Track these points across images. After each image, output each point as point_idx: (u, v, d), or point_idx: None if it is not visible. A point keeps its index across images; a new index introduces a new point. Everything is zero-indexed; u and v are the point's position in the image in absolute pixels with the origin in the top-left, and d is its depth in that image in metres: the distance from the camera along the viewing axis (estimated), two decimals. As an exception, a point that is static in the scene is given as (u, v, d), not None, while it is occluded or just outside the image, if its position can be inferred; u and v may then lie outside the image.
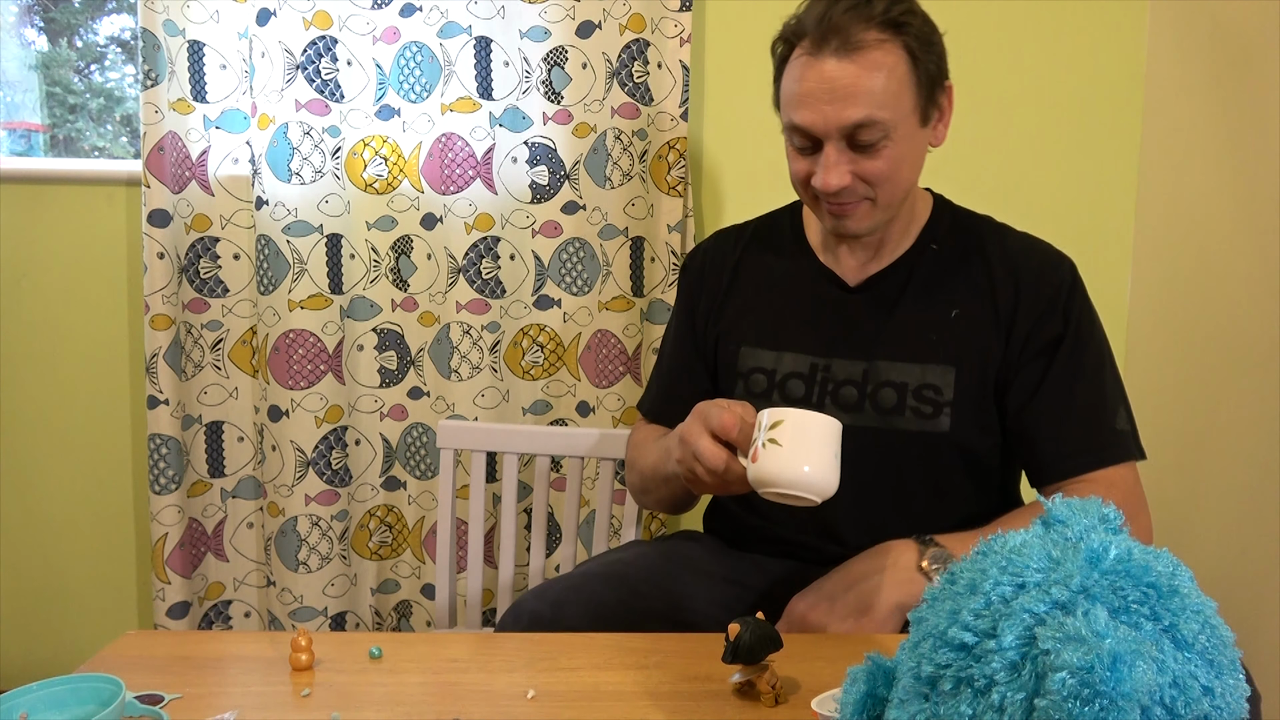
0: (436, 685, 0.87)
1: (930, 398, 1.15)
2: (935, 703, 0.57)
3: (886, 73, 1.05)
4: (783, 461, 0.88)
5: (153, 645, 0.96)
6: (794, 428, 0.89)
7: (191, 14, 1.83)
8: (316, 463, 1.92)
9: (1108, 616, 0.52)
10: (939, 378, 1.15)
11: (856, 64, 1.04)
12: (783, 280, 1.26)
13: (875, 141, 1.07)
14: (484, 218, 1.91)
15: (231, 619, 2.02)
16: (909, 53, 1.07)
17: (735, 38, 1.95)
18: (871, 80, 1.05)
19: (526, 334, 1.96)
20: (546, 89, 1.88)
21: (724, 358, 1.26)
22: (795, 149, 1.13)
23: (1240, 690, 0.55)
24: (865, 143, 1.07)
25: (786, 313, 1.24)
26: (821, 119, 1.06)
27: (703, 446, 0.95)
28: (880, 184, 1.10)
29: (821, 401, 1.18)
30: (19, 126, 2.24)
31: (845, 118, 1.05)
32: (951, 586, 0.60)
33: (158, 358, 1.88)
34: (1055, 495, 0.63)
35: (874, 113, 1.05)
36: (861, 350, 1.18)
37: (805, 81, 1.07)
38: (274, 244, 1.86)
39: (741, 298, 1.27)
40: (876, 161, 1.08)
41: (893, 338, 1.17)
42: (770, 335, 1.23)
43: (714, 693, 0.85)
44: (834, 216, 1.14)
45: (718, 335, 1.27)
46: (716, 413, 0.96)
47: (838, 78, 1.05)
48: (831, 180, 1.08)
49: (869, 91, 1.05)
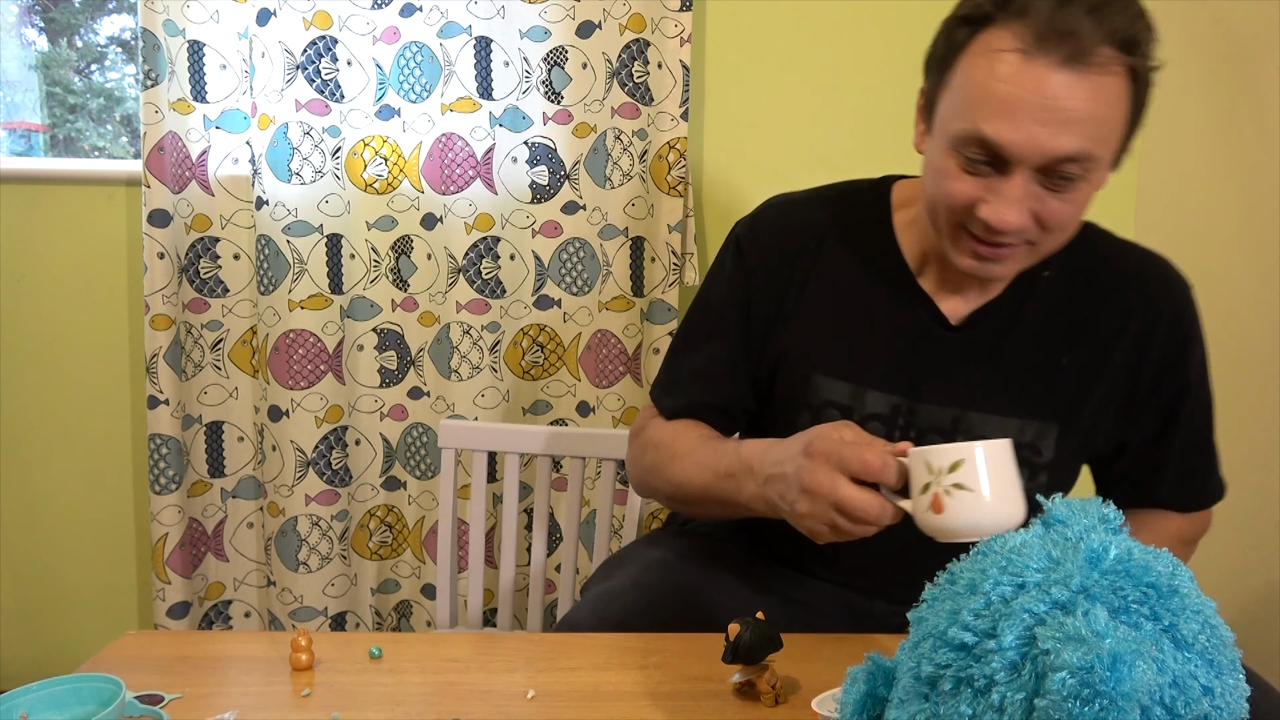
0: (436, 685, 0.87)
1: (1026, 458, 1.01)
2: (935, 703, 0.57)
3: (1113, 101, 0.86)
4: (980, 509, 0.79)
5: (153, 645, 0.96)
6: (981, 467, 0.79)
7: (191, 14, 1.83)
8: (316, 463, 1.92)
9: (1108, 616, 0.52)
10: (1039, 435, 1.02)
11: (1088, 83, 0.84)
12: (870, 300, 1.06)
13: (1072, 179, 0.88)
14: (484, 218, 1.91)
15: (231, 619, 2.02)
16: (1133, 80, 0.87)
17: (735, 38, 1.95)
18: (1098, 107, 0.85)
19: (526, 334, 1.96)
20: (546, 89, 1.88)
21: (788, 380, 1.08)
22: (961, 165, 0.90)
23: (1240, 690, 0.55)
24: (1063, 178, 0.87)
25: (871, 342, 1.05)
26: (1028, 141, 0.85)
27: (852, 496, 0.82)
28: (1054, 230, 0.91)
29: None
30: (19, 126, 2.24)
31: (1057, 147, 0.85)
32: (951, 586, 0.60)
33: (158, 358, 1.88)
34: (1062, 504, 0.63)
35: (1090, 147, 0.86)
36: (954, 397, 1.03)
37: (1018, 87, 0.84)
38: (274, 244, 1.86)
39: (816, 311, 1.07)
40: (1063, 203, 0.89)
41: (992, 385, 1.02)
42: (849, 366, 1.05)
43: (714, 693, 0.85)
44: (979, 258, 0.94)
45: (781, 350, 1.08)
46: (854, 454, 0.83)
47: (1062, 96, 0.83)
48: (1010, 218, 0.88)
49: (1093, 120, 0.85)
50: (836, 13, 1.93)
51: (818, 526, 0.86)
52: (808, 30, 1.93)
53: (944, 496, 0.80)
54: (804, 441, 0.87)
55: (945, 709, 0.56)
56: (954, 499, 0.79)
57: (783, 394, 1.09)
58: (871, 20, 1.93)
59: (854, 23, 1.93)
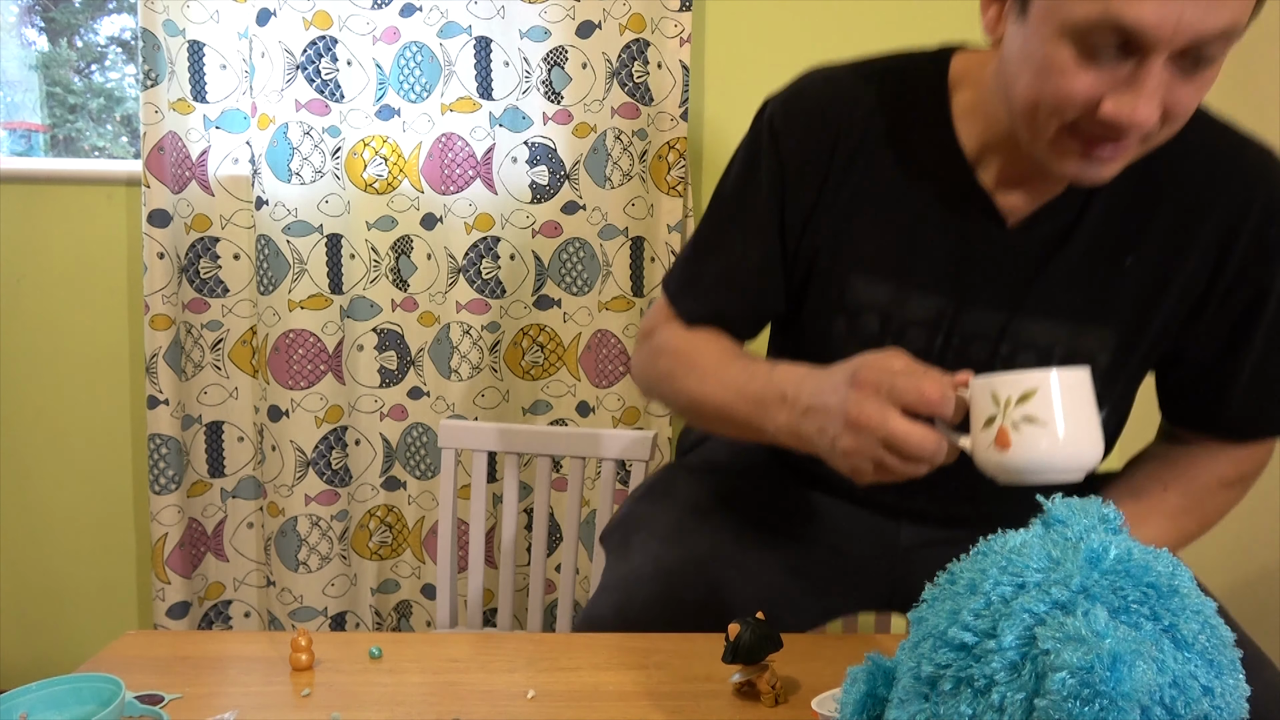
0: (436, 685, 0.87)
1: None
2: (935, 703, 0.57)
3: None
4: (1054, 445, 0.70)
5: (153, 645, 0.96)
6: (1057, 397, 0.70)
7: (191, 14, 1.83)
8: (316, 463, 1.92)
9: (1108, 616, 0.52)
10: (1094, 342, 0.92)
11: None
12: (919, 194, 0.94)
13: (1211, 61, 0.75)
14: (484, 218, 1.91)
15: (231, 619, 2.02)
16: None
17: (735, 38, 1.95)
18: None
19: (526, 334, 1.96)
20: (546, 89, 1.88)
21: (822, 281, 0.97)
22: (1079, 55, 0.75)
23: (1240, 690, 0.55)
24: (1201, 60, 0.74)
25: (917, 239, 0.94)
26: (1177, 20, 0.71)
27: (904, 431, 0.74)
28: (1175, 120, 0.78)
29: (943, 359, 0.94)
30: (19, 126, 2.24)
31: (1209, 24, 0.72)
32: (951, 586, 0.60)
33: (158, 358, 1.88)
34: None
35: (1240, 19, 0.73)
36: (1004, 300, 0.93)
37: None
38: (274, 244, 1.86)
39: (858, 203, 0.95)
40: (1193, 90, 0.76)
41: (1047, 289, 0.92)
42: (892, 265, 0.94)
43: (714, 693, 0.84)
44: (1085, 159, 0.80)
45: (816, 247, 0.97)
46: (908, 384, 0.74)
47: None
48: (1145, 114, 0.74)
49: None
50: (836, 12, 1.93)
51: (862, 464, 0.78)
52: (807, 30, 1.93)
53: (1011, 431, 0.71)
54: (849, 371, 0.79)
55: (945, 709, 0.56)
56: (1023, 434, 0.71)
57: (815, 296, 0.98)
58: (871, 20, 1.93)
59: (854, 22, 1.93)
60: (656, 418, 1.95)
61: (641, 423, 1.96)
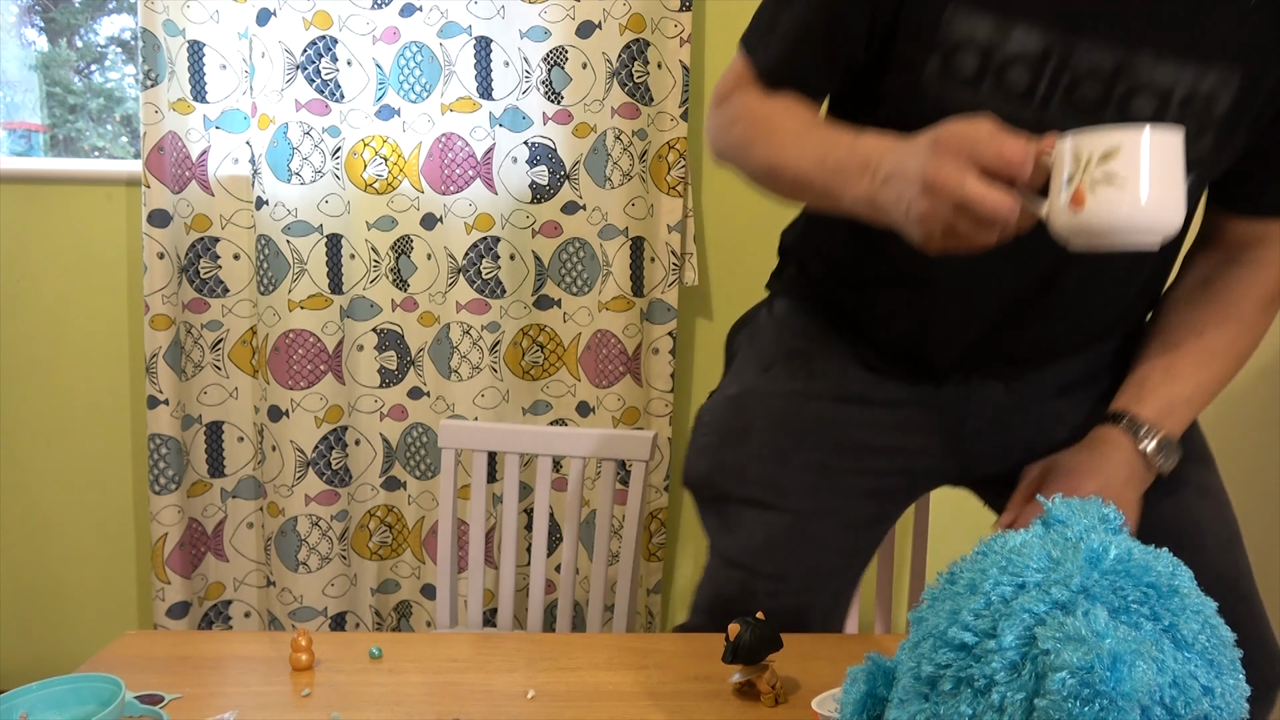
0: (436, 685, 0.87)
1: (1197, 111, 0.86)
2: (935, 703, 0.57)
3: None
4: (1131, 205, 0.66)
5: (153, 645, 0.96)
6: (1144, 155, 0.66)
7: (191, 14, 1.83)
8: (316, 463, 1.92)
9: (1108, 616, 0.52)
10: (1219, 85, 0.85)
11: None
12: None
13: None
14: (484, 218, 1.91)
15: (231, 619, 2.02)
16: None
17: (735, 38, 1.94)
18: None
19: (526, 334, 1.96)
20: (546, 89, 1.88)
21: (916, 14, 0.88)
22: None
23: (1240, 690, 0.55)
24: None
25: None
26: None
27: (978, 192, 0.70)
28: None
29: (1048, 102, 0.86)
30: (19, 126, 2.24)
31: None
32: (951, 586, 0.60)
33: (158, 358, 1.88)
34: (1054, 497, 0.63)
35: None
36: (1120, 33, 0.84)
37: None
38: (274, 244, 1.86)
39: None
40: None
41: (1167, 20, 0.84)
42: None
43: (714, 693, 0.85)
44: None
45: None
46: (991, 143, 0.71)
47: None
48: None
49: None
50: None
51: (933, 227, 0.74)
52: (808, 30, 1.93)
53: (1087, 190, 0.67)
54: (932, 135, 0.75)
55: (945, 709, 0.56)
56: (1098, 194, 0.66)
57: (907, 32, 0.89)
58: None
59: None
60: (656, 418, 1.95)
61: (641, 423, 1.96)
